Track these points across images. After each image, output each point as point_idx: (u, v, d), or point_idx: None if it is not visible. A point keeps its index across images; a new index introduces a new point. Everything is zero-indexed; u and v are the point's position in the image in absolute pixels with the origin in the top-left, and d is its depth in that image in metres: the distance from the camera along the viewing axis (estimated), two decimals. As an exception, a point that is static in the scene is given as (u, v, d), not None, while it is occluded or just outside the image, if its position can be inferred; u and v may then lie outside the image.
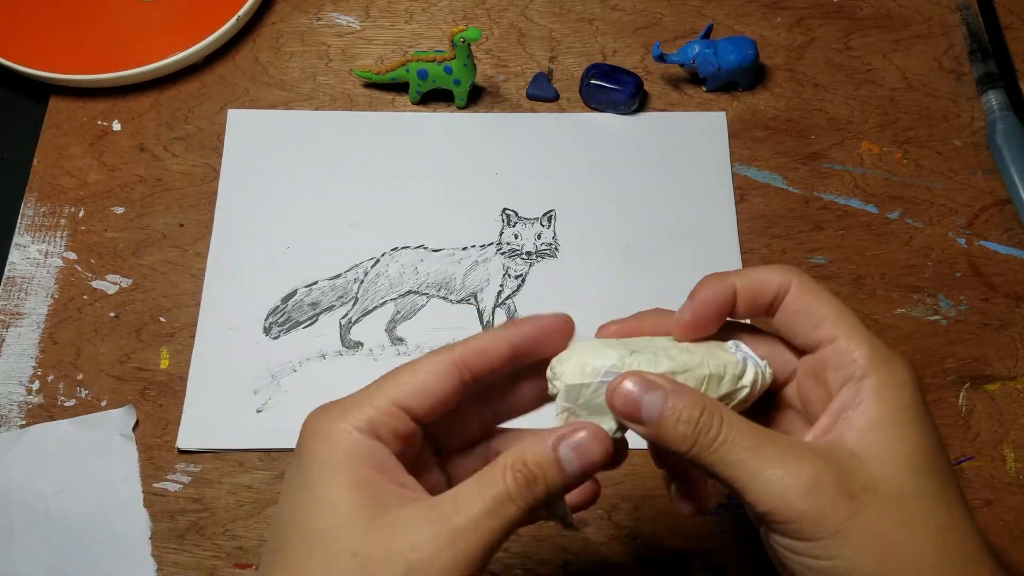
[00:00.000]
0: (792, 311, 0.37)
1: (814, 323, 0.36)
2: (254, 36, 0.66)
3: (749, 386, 0.37)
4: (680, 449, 0.34)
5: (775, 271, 0.37)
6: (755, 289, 0.37)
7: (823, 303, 0.36)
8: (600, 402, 0.36)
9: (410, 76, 0.61)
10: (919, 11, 0.67)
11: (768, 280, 0.37)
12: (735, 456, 0.33)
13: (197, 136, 0.62)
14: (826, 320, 0.36)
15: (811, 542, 0.32)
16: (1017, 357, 0.55)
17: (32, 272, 0.57)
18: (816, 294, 0.36)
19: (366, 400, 0.34)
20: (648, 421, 0.34)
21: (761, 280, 0.37)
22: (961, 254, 0.58)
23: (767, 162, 0.61)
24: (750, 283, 0.37)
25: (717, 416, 0.34)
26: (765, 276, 0.37)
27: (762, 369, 0.37)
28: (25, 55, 0.63)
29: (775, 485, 0.32)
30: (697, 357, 0.36)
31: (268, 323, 0.56)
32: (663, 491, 0.51)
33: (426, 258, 0.58)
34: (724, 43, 0.61)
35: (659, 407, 0.34)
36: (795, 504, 0.32)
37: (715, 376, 0.36)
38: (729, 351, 0.37)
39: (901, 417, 0.34)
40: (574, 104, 0.63)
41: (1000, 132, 0.60)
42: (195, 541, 0.50)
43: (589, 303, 0.56)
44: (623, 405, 0.34)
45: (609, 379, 0.35)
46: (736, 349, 0.37)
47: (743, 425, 0.34)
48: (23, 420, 0.53)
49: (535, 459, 0.33)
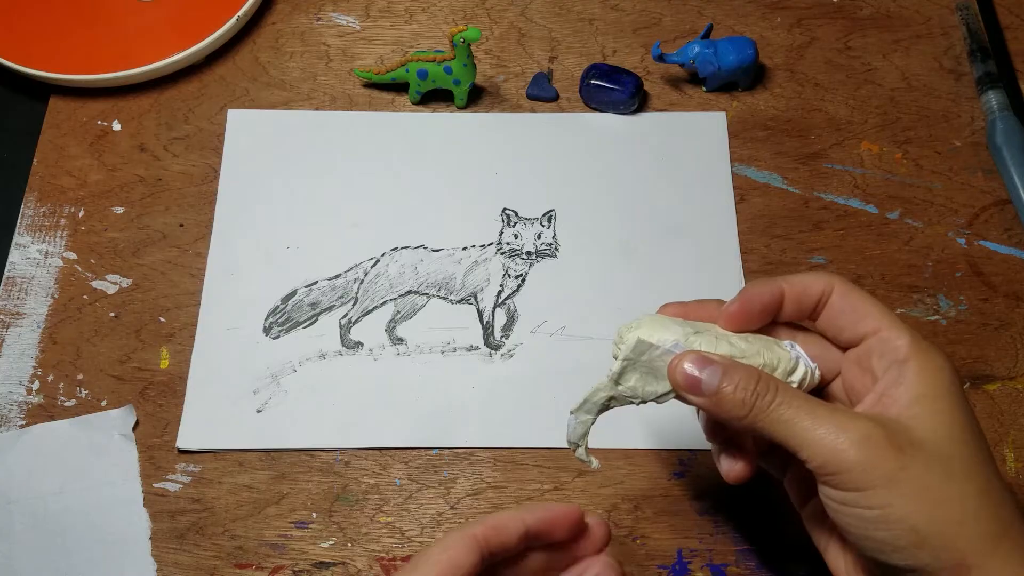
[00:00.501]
0: (837, 310, 0.40)
1: (859, 318, 0.39)
2: (254, 36, 0.66)
3: (798, 382, 0.40)
4: (739, 414, 0.37)
5: (819, 276, 0.41)
6: (801, 292, 0.41)
7: (865, 301, 0.40)
8: (659, 366, 0.40)
9: (410, 76, 0.61)
10: (919, 11, 0.67)
11: (814, 283, 0.40)
12: (790, 415, 0.36)
13: (197, 136, 0.62)
14: (870, 315, 0.39)
15: (863, 491, 0.35)
16: (1017, 357, 0.55)
17: (32, 272, 0.57)
18: (858, 293, 0.40)
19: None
20: (708, 392, 0.38)
21: (807, 283, 0.40)
22: (961, 254, 0.58)
23: (767, 162, 0.61)
24: (796, 286, 0.41)
25: (772, 384, 0.37)
26: (811, 280, 0.41)
27: (811, 368, 0.40)
28: (25, 55, 0.63)
29: (829, 439, 0.35)
30: (754, 347, 0.40)
31: (268, 323, 0.56)
32: (663, 491, 0.51)
33: (426, 258, 0.58)
34: (724, 43, 0.61)
35: (717, 380, 0.38)
36: (849, 454, 0.35)
37: (768, 366, 0.39)
38: (784, 348, 0.41)
39: (941, 394, 0.37)
40: (574, 104, 0.63)
41: (1000, 132, 0.60)
42: (195, 541, 0.50)
43: (589, 303, 0.56)
44: (684, 380, 0.38)
45: (676, 349, 0.39)
46: (791, 348, 0.41)
47: (796, 392, 0.38)
48: (23, 420, 0.53)
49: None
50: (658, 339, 0.39)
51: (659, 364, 0.40)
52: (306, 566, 0.49)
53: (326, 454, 0.52)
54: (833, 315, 0.40)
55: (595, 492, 0.51)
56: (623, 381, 0.41)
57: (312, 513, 0.51)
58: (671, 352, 0.39)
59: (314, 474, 0.51)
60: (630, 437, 0.52)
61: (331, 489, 0.51)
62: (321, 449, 0.52)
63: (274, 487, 0.51)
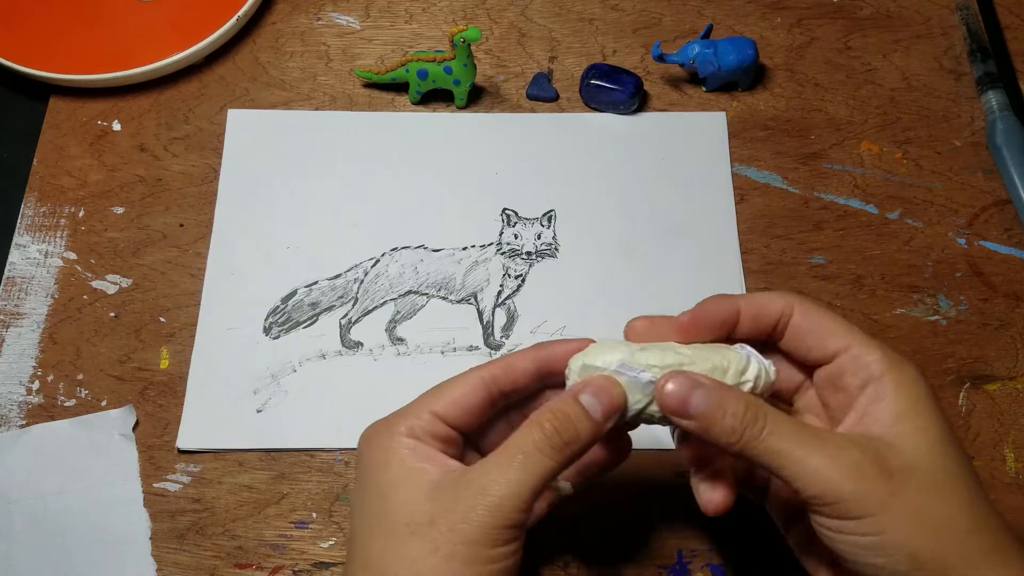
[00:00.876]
0: (802, 330, 0.40)
1: (825, 336, 0.39)
2: (254, 36, 0.66)
3: (752, 380, 0.39)
4: (728, 441, 0.37)
5: (777, 296, 0.40)
6: (758, 311, 0.40)
7: (829, 319, 0.39)
8: None
9: (410, 76, 0.61)
10: (919, 11, 0.67)
11: (772, 303, 0.40)
12: (781, 446, 0.36)
13: (197, 136, 0.62)
14: (836, 333, 0.39)
15: (859, 520, 0.35)
16: (1017, 357, 0.55)
17: (32, 272, 0.57)
18: (821, 312, 0.40)
19: (408, 411, 0.40)
20: (696, 415, 0.37)
21: (765, 303, 0.40)
22: (961, 254, 0.58)
23: (767, 162, 0.61)
24: (754, 305, 0.40)
25: (761, 410, 0.37)
26: (768, 300, 0.40)
27: (765, 366, 0.40)
28: (25, 55, 0.63)
29: (821, 470, 0.35)
30: (703, 352, 0.39)
31: (268, 323, 0.56)
32: (663, 491, 0.51)
33: (426, 258, 0.58)
34: (724, 43, 0.61)
35: (706, 403, 0.37)
36: (842, 486, 0.35)
37: (719, 368, 0.39)
38: (734, 350, 0.40)
39: (920, 408, 0.37)
40: (574, 104, 0.63)
41: (1000, 132, 0.60)
42: (195, 541, 0.50)
43: (589, 303, 0.56)
44: (673, 401, 0.37)
45: (623, 370, 0.38)
46: (741, 349, 0.40)
47: (784, 417, 0.37)
48: (23, 420, 0.53)
49: (561, 409, 0.37)
50: (603, 361, 0.39)
51: None
52: (306, 566, 0.49)
53: (326, 454, 0.52)
54: (798, 335, 0.40)
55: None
56: None
57: (312, 513, 0.51)
58: (619, 373, 0.39)
59: (314, 474, 0.51)
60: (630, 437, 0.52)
61: (331, 489, 0.51)
62: (321, 449, 0.52)
63: (274, 487, 0.51)
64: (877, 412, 0.37)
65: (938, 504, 0.36)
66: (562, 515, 0.50)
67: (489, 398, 0.40)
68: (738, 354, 0.39)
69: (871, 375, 0.38)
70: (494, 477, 0.36)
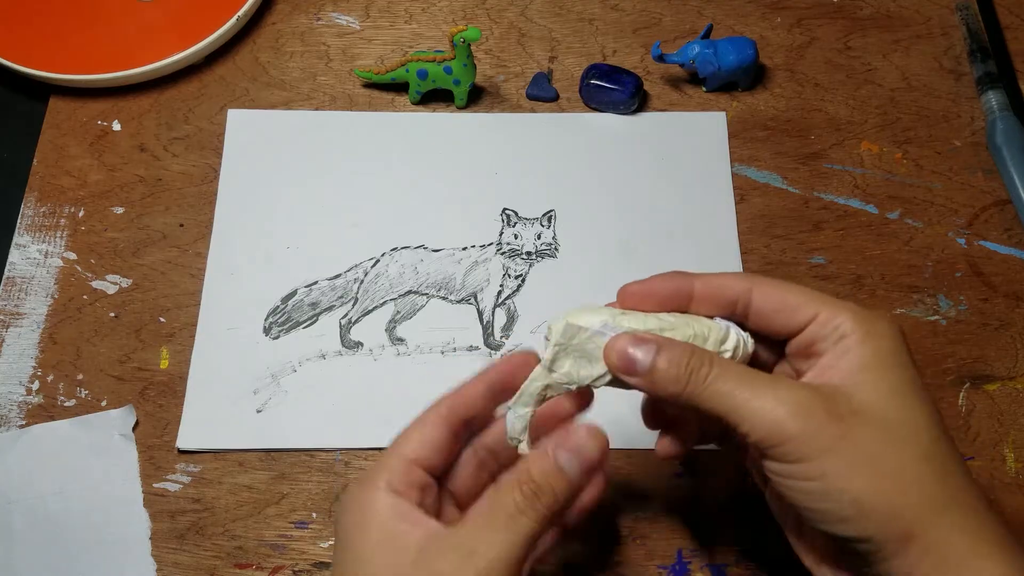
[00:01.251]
0: (768, 308, 0.39)
1: (791, 309, 0.38)
2: (254, 36, 0.66)
3: (731, 350, 0.40)
4: (674, 390, 0.37)
5: (735, 279, 0.40)
6: (715, 292, 0.40)
7: (793, 292, 0.39)
8: (590, 349, 0.39)
9: (410, 76, 0.61)
10: (919, 11, 0.67)
11: (728, 286, 0.40)
12: (727, 388, 0.36)
13: (197, 136, 0.62)
14: (804, 304, 0.38)
15: (803, 464, 0.35)
16: (1017, 357, 0.55)
17: (32, 272, 0.57)
18: (782, 287, 0.39)
19: (382, 465, 0.38)
20: (642, 371, 0.37)
21: (722, 285, 0.40)
22: (961, 254, 0.58)
23: (767, 162, 0.61)
24: (710, 287, 0.40)
25: (707, 357, 0.37)
26: (725, 281, 0.40)
27: (743, 337, 0.40)
28: (25, 55, 0.63)
29: (767, 411, 0.35)
30: (683, 320, 0.40)
31: (268, 323, 0.56)
32: (663, 491, 0.51)
33: (426, 258, 0.58)
34: (724, 43, 0.61)
35: (651, 357, 0.37)
36: (787, 426, 0.35)
37: (699, 336, 0.39)
38: (715, 321, 0.40)
39: (885, 361, 0.36)
40: (574, 104, 0.63)
41: (1000, 132, 0.60)
42: (195, 541, 0.50)
43: (589, 303, 0.56)
44: (619, 360, 0.38)
45: (606, 330, 0.39)
46: (720, 320, 0.40)
47: (732, 364, 0.37)
48: (23, 420, 0.53)
49: (538, 471, 0.36)
50: (586, 322, 0.39)
51: (590, 347, 0.39)
52: (306, 566, 0.49)
53: (326, 454, 0.52)
54: (763, 315, 0.39)
55: (595, 492, 0.51)
56: (557, 368, 0.40)
57: (312, 513, 0.51)
58: (601, 333, 0.39)
59: (314, 474, 0.51)
60: (630, 437, 0.52)
61: (331, 489, 0.51)
62: (321, 449, 0.52)
63: (274, 487, 0.51)
64: (840, 364, 0.36)
65: (889, 452, 0.34)
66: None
67: (452, 431, 0.39)
68: (718, 324, 0.40)
69: (842, 335, 0.37)
70: (483, 538, 0.35)
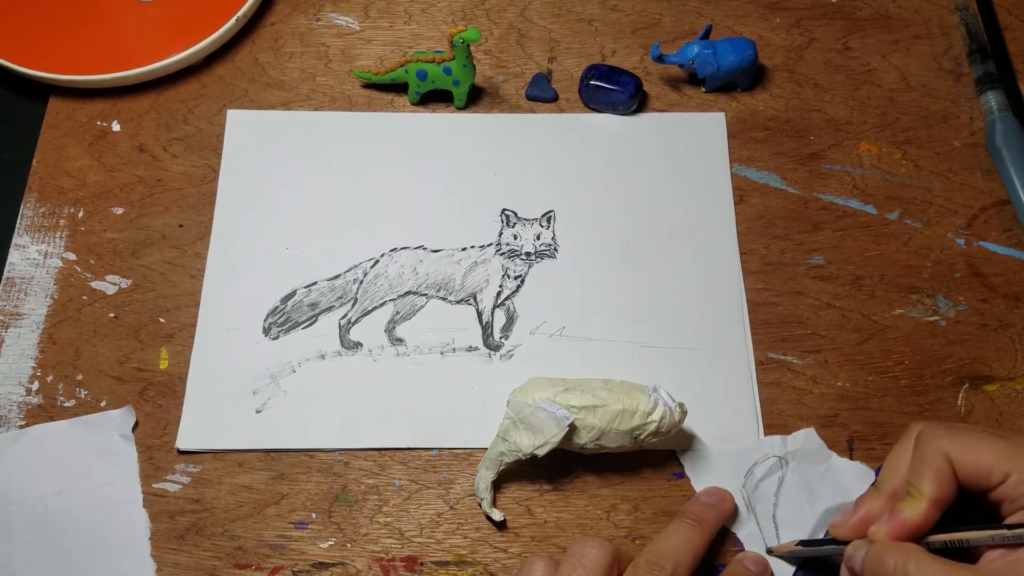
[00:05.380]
0: (965, 473, 0.40)
1: (985, 474, 0.40)
2: (254, 37, 0.66)
3: (657, 421, 0.47)
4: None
5: (929, 469, 0.40)
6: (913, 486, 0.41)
7: (987, 451, 0.40)
8: (533, 422, 0.47)
9: (409, 77, 0.61)
10: (918, 12, 0.67)
11: (925, 476, 0.41)
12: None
13: (196, 136, 0.62)
14: (995, 465, 0.39)
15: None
16: (1016, 358, 0.55)
17: (32, 272, 0.57)
18: (977, 453, 0.40)
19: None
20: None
21: (915, 481, 0.41)
22: (960, 255, 0.58)
23: (766, 163, 0.61)
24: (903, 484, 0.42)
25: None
26: (923, 468, 0.41)
27: (671, 408, 0.47)
28: (25, 55, 0.63)
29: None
30: (615, 395, 0.47)
31: (267, 323, 0.56)
32: (663, 491, 0.51)
33: (425, 259, 0.58)
34: (723, 44, 0.61)
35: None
36: None
37: (628, 411, 0.47)
38: (645, 391, 0.48)
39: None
40: (573, 105, 0.63)
41: (999, 132, 0.60)
42: (195, 541, 0.50)
43: (588, 304, 0.56)
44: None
45: (545, 405, 0.47)
46: (653, 391, 0.48)
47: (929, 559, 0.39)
48: (23, 420, 0.53)
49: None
50: (532, 398, 0.47)
51: (534, 420, 0.47)
52: (306, 566, 0.49)
53: (325, 454, 0.52)
54: (966, 479, 0.40)
55: (594, 492, 0.51)
56: (509, 437, 0.48)
57: (311, 513, 0.51)
58: (541, 408, 0.47)
59: (313, 474, 0.52)
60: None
61: (330, 489, 0.51)
62: (320, 449, 0.52)
63: (273, 487, 0.51)
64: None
65: None
66: (562, 515, 0.50)
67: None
68: (647, 397, 0.47)
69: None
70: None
